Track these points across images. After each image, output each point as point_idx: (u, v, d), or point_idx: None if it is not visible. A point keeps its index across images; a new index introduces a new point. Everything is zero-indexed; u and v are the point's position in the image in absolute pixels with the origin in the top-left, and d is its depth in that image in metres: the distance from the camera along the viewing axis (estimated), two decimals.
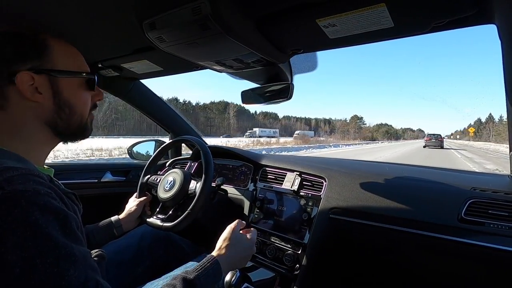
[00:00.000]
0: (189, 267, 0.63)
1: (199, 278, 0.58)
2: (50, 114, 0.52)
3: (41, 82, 0.49)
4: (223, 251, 0.68)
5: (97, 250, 0.67)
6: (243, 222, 0.78)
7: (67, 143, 0.58)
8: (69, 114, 0.54)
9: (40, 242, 0.37)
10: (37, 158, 0.52)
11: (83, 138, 0.59)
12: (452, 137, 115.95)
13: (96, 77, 0.59)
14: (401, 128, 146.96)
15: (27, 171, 0.42)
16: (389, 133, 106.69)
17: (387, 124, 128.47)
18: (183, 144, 1.60)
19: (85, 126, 0.58)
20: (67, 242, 0.39)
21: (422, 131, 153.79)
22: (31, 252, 0.36)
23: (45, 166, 0.56)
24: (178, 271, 0.64)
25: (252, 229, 0.80)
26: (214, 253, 0.68)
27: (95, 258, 0.65)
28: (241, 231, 0.76)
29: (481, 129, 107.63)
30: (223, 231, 0.74)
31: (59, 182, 0.56)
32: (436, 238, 0.77)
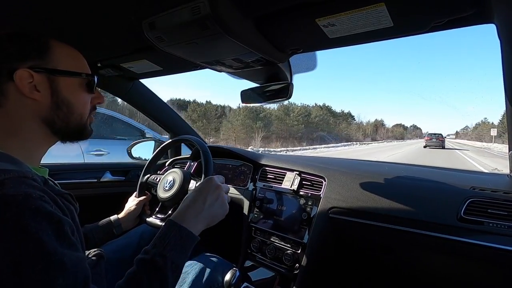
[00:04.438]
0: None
1: (161, 254, 0.53)
2: (48, 112, 0.52)
3: (40, 80, 0.50)
4: (184, 209, 0.62)
5: (96, 249, 0.67)
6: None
7: (65, 143, 0.58)
8: (67, 113, 0.53)
9: (30, 248, 0.36)
10: (33, 157, 0.52)
11: (82, 139, 0.59)
12: (461, 136, 74.49)
13: (96, 79, 0.58)
14: (376, 120, 76.87)
15: (20, 173, 0.41)
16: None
17: (331, 109, 54.49)
18: (182, 144, 1.60)
19: (84, 126, 0.58)
20: (58, 248, 0.38)
21: (418, 128, 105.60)
22: (20, 258, 0.35)
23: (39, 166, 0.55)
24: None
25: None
26: (174, 216, 0.62)
27: (93, 258, 0.65)
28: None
29: None
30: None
31: (56, 182, 0.55)
32: (435, 238, 0.78)
